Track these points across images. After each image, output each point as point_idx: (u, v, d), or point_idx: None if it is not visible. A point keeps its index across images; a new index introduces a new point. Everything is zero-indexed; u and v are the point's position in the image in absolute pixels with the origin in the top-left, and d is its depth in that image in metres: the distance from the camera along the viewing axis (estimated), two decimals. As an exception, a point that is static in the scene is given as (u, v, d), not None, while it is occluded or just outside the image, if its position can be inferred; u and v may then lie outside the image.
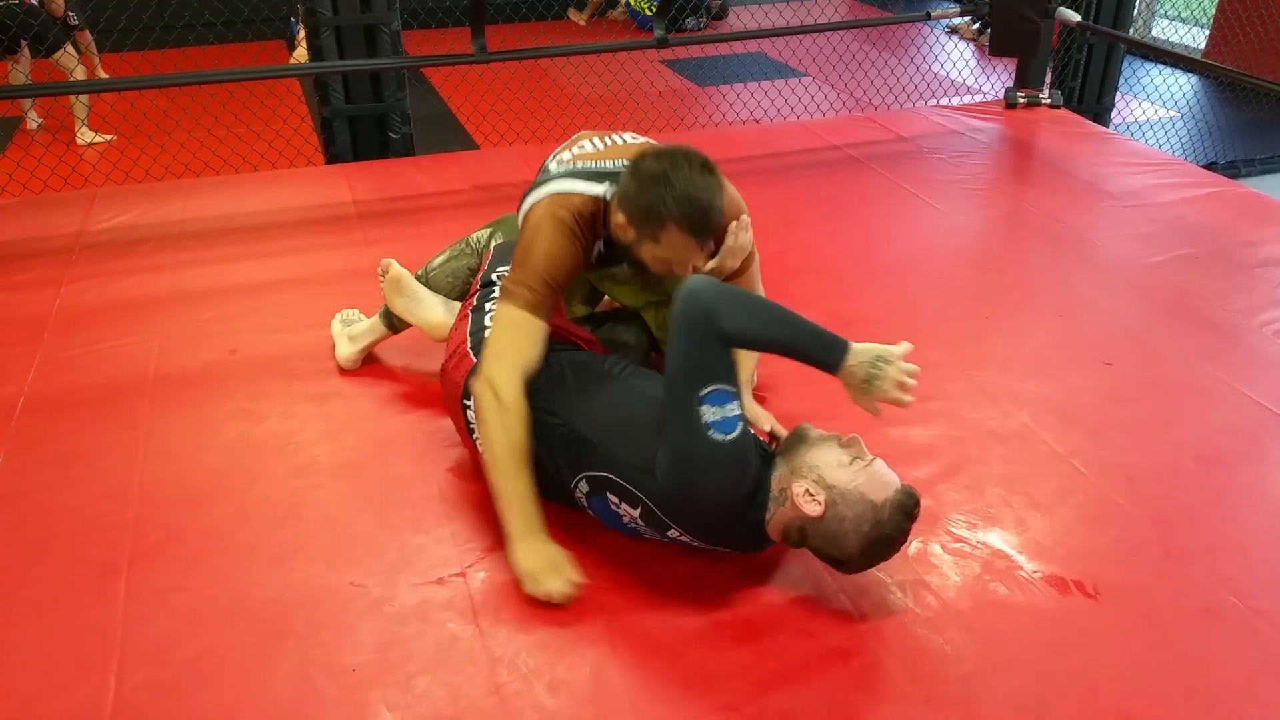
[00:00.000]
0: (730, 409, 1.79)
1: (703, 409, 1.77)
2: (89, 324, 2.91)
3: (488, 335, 2.05)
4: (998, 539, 2.08)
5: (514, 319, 1.99)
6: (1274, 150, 5.97)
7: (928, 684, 1.74)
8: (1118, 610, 1.91)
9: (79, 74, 5.59)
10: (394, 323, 2.59)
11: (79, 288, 3.13)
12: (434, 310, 2.49)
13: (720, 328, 1.79)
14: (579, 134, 2.31)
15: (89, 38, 5.91)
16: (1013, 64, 5.16)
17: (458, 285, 2.52)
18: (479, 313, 2.18)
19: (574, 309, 2.54)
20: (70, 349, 2.78)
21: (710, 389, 1.77)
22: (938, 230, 3.63)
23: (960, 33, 8.29)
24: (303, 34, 5.71)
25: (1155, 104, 6.60)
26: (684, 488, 1.82)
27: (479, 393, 1.96)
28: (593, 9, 8.73)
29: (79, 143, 5.64)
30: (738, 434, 1.79)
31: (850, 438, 1.88)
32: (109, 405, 2.52)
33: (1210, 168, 4.90)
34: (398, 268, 2.50)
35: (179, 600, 1.92)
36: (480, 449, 2.01)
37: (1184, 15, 8.25)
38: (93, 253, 3.37)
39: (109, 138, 5.65)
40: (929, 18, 5.16)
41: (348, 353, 2.65)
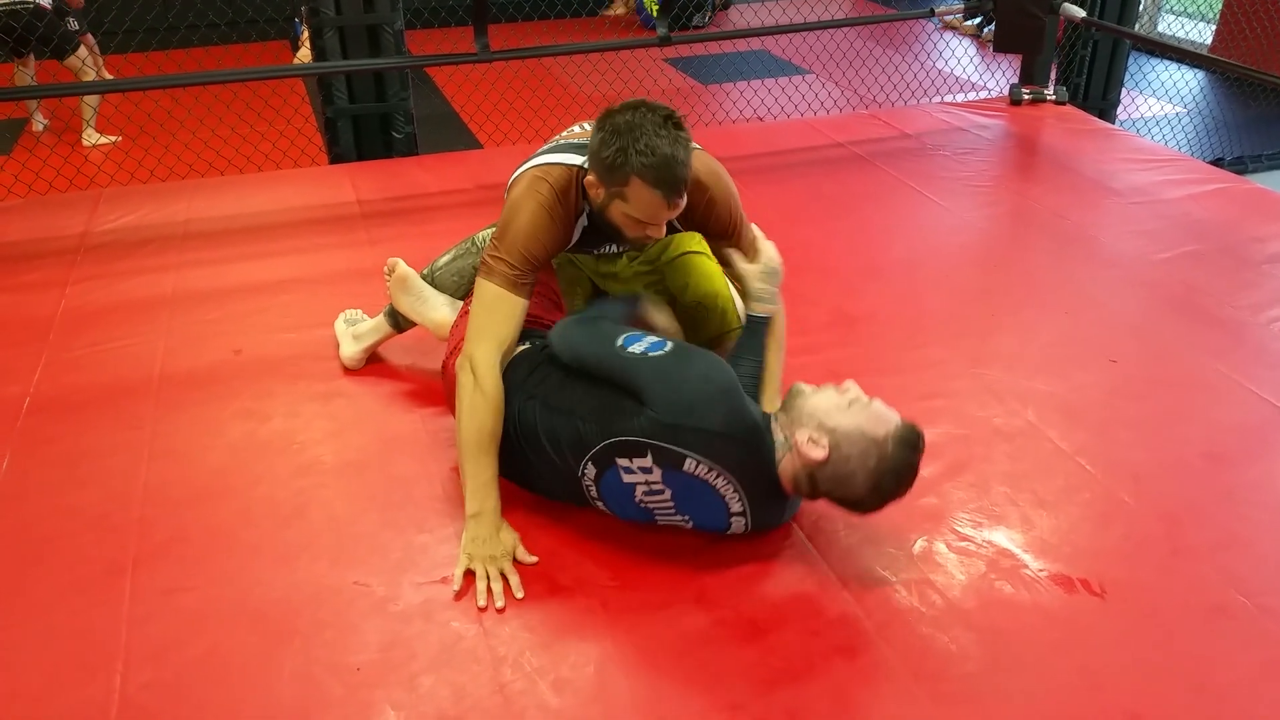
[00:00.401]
0: (645, 338, 1.98)
1: (630, 349, 1.95)
2: (94, 324, 2.92)
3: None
4: (1003, 537, 2.08)
5: (491, 296, 2.04)
6: (1281, 146, 5.95)
7: (933, 683, 1.74)
8: (1124, 609, 1.90)
9: (88, 76, 5.59)
10: (399, 322, 2.60)
11: (84, 288, 3.14)
12: (439, 309, 2.49)
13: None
14: (573, 125, 2.30)
15: (91, 40, 5.91)
16: (1017, 60, 5.14)
17: (463, 284, 2.53)
18: None
19: (576, 307, 2.54)
20: (75, 349, 2.78)
21: (621, 338, 1.98)
22: (942, 227, 3.62)
23: (958, 29, 8.26)
24: (306, 34, 5.71)
25: (1161, 100, 6.57)
26: (673, 392, 1.88)
27: (458, 372, 2.05)
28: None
29: (85, 144, 5.65)
30: (669, 347, 1.95)
31: (846, 383, 1.94)
32: (114, 405, 2.53)
33: (1217, 164, 4.88)
34: (404, 267, 2.51)
35: (184, 600, 1.92)
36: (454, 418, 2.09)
37: (1190, 10, 8.22)
38: (98, 253, 3.38)
39: (114, 139, 5.66)
40: (933, 14, 5.16)
41: (352, 352, 2.65)
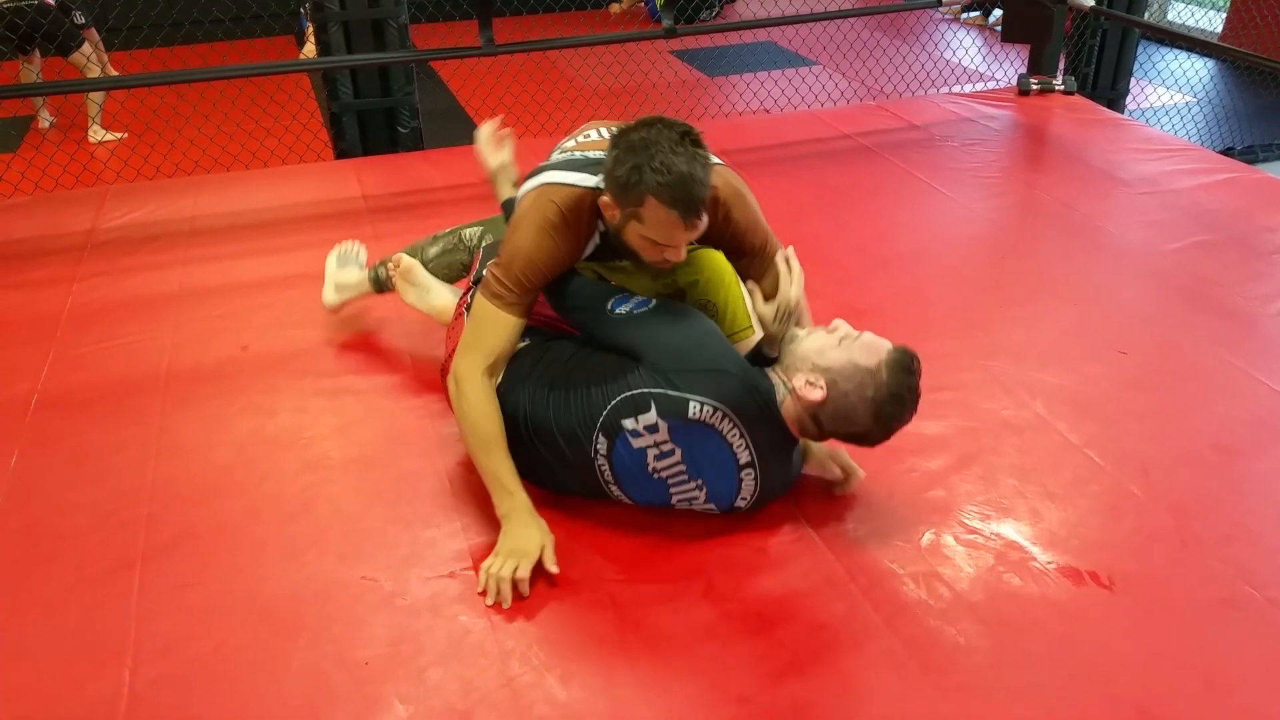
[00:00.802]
0: (631, 298, 2.04)
1: (619, 310, 2.01)
2: (101, 321, 2.92)
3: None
4: (1011, 530, 2.07)
5: (487, 314, 2.02)
6: (1291, 135, 5.92)
7: (940, 675, 1.73)
8: (1133, 601, 1.89)
9: (93, 72, 5.60)
10: (381, 287, 2.68)
11: (91, 285, 3.14)
12: (443, 296, 2.55)
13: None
14: (588, 123, 2.29)
15: (96, 36, 5.92)
16: (1025, 50, 5.12)
17: (451, 278, 2.61)
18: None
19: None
20: (83, 346, 2.79)
21: (611, 300, 2.04)
22: (950, 219, 3.60)
23: (965, 21, 8.23)
24: (311, 29, 5.71)
25: (1171, 89, 6.54)
26: (665, 340, 1.95)
27: (448, 389, 2.06)
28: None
29: (91, 141, 5.66)
30: (653, 304, 2.03)
31: (835, 322, 1.98)
32: (121, 402, 2.53)
33: (1227, 153, 4.86)
34: (408, 260, 2.53)
35: (192, 596, 1.92)
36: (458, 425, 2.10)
37: (1199, -1, 8.18)
38: (104, 250, 3.38)
39: (120, 135, 5.67)
40: (940, 3, 5.13)
41: (331, 299, 2.76)
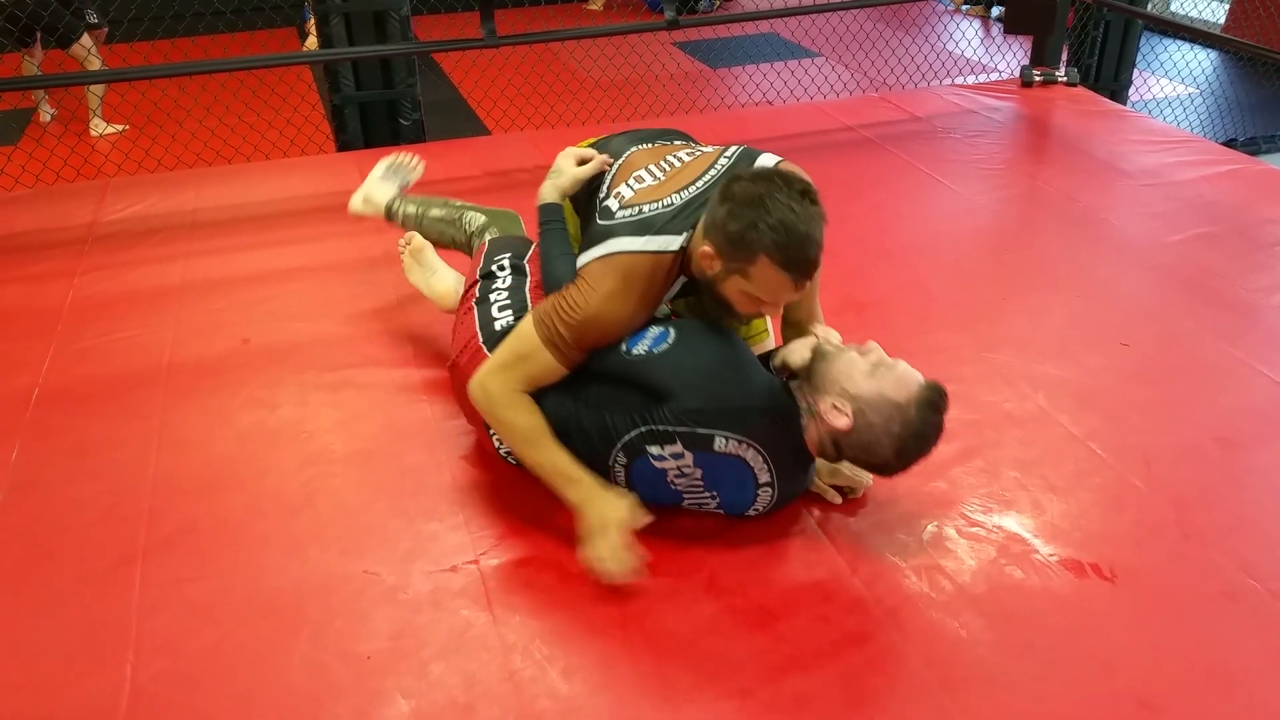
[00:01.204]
0: (645, 335, 1.93)
1: (635, 351, 1.91)
2: (102, 315, 2.92)
3: (506, 339, 1.99)
4: (1014, 522, 2.07)
5: (538, 355, 1.91)
6: (1294, 127, 5.90)
7: (943, 668, 1.73)
8: (1135, 594, 1.89)
9: (93, 64, 5.59)
10: (391, 217, 2.76)
11: (92, 278, 3.14)
12: (446, 282, 2.55)
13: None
14: (632, 153, 2.17)
15: (98, 38, 5.91)
16: (1028, 42, 5.10)
17: (440, 243, 2.64)
18: (484, 304, 2.16)
19: None
20: (84, 340, 2.79)
21: (624, 343, 1.93)
22: (953, 211, 3.60)
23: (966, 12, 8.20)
24: (313, 21, 5.70)
25: (1174, 81, 6.52)
26: (691, 379, 1.87)
27: (474, 396, 1.99)
28: None
29: (92, 134, 5.65)
30: (671, 338, 1.91)
31: (868, 345, 1.90)
32: (123, 396, 2.53)
33: (1230, 145, 4.84)
34: (420, 239, 2.53)
35: (194, 590, 1.93)
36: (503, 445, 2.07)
37: (1202, -10, 8.14)
38: (106, 243, 3.38)
39: (121, 128, 5.66)
40: (943, -4, 5.11)
41: (357, 206, 2.87)
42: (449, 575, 1.95)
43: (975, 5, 8.20)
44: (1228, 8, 7.56)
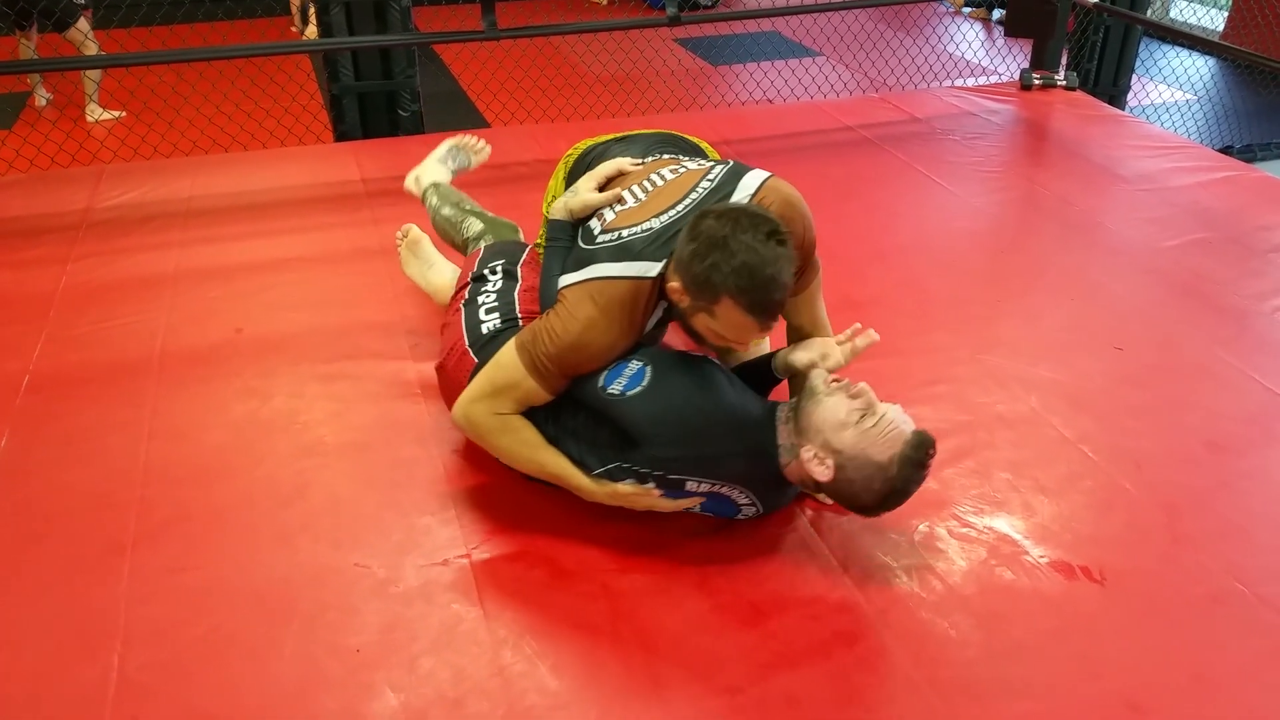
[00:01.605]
0: (623, 371, 1.88)
1: (611, 389, 1.87)
2: (95, 301, 2.91)
3: (486, 367, 1.98)
4: (1004, 524, 2.07)
5: (521, 382, 1.91)
6: (1291, 134, 5.92)
7: (932, 668, 1.74)
8: (1124, 596, 1.90)
9: (90, 49, 5.57)
10: (425, 199, 2.76)
11: (86, 265, 3.13)
12: (443, 276, 2.55)
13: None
14: (607, 162, 2.14)
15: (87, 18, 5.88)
16: (1029, 45, 5.10)
17: (444, 241, 2.64)
18: (472, 306, 2.16)
19: None
20: (76, 326, 2.78)
21: (602, 376, 1.89)
22: (950, 212, 3.60)
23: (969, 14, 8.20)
24: (313, 10, 5.68)
25: (1172, 87, 6.53)
26: (664, 429, 1.85)
27: (459, 424, 2.02)
28: None
29: (88, 119, 5.63)
30: (646, 379, 1.86)
31: (859, 387, 1.86)
32: (115, 383, 2.52)
33: (1226, 152, 4.86)
34: (417, 231, 2.53)
35: (184, 580, 1.92)
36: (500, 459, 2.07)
37: (1202, -4, 8.16)
38: (100, 230, 3.37)
39: (118, 114, 5.64)
40: (944, -3, 5.11)
41: (410, 182, 2.84)
42: (440, 569, 1.95)
43: (977, 8, 8.20)
44: (1226, 15, 7.57)
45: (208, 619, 1.83)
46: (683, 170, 2.06)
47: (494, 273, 2.24)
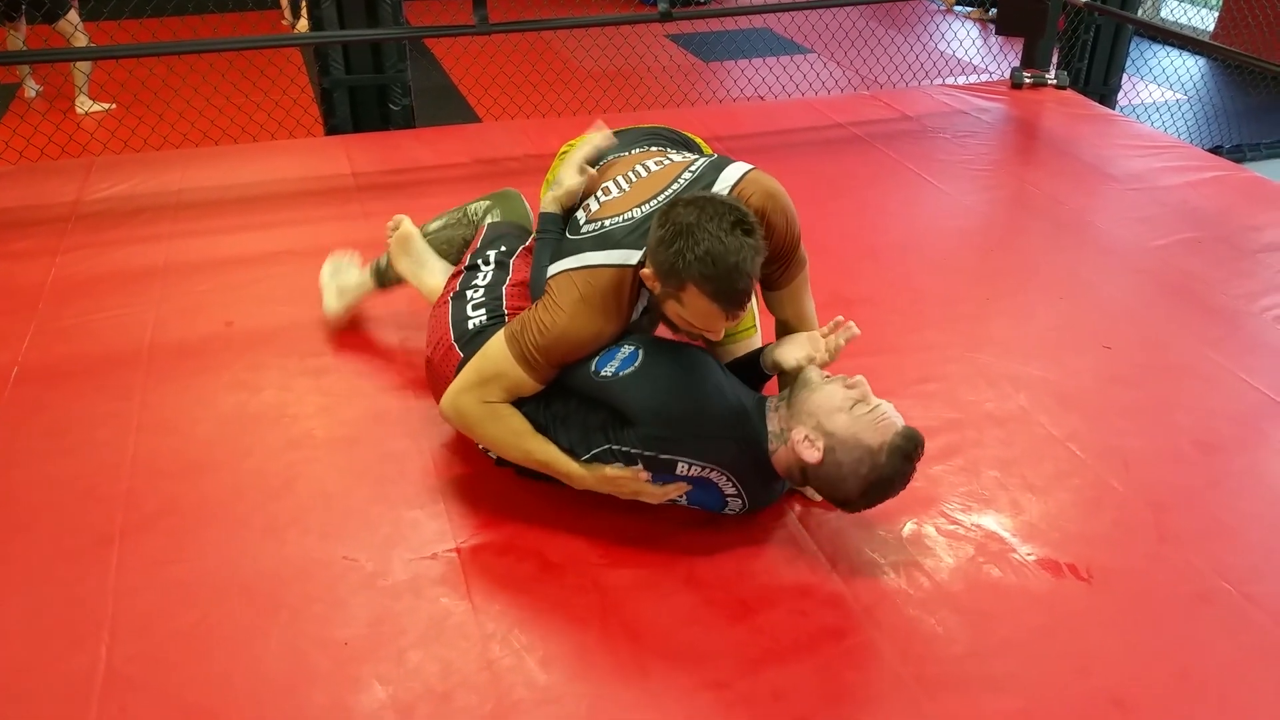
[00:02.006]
0: (615, 355, 1.90)
1: (604, 372, 1.89)
2: (85, 294, 2.90)
3: (473, 359, 1.98)
4: (992, 521, 2.08)
5: (509, 372, 1.92)
6: (1280, 135, 5.94)
7: (919, 664, 1.74)
8: (1111, 594, 1.91)
9: (80, 41, 5.54)
10: (383, 280, 2.58)
11: (75, 257, 3.12)
12: (436, 275, 2.49)
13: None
14: (607, 162, 2.16)
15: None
16: (1020, 43, 5.12)
17: (451, 253, 2.51)
18: (460, 300, 2.15)
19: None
20: (65, 319, 2.77)
21: (594, 361, 1.91)
22: (940, 211, 3.61)
23: (965, 14, 8.21)
24: (304, 4, 5.66)
25: (1162, 86, 6.55)
26: (655, 408, 1.86)
27: (447, 416, 2.02)
28: None
29: (78, 111, 5.60)
30: (639, 360, 1.88)
31: (855, 379, 1.89)
32: (104, 376, 2.51)
33: (1216, 151, 4.87)
34: (408, 225, 2.49)
35: (171, 572, 1.92)
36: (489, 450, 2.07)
37: (1193, -4, 8.18)
38: (89, 222, 3.36)
39: (108, 106, 5.61)
40: (935, -5, 5.12)
41: (335, 306, 2.65)
42: (429, 563, 1.94)
43: (974, 8, 8.21)
44: (1217, 15, 7.59)
45: (195, 611, 1.82)
46: (666, 162, 2.08)
47: (486, 262, 2.22)
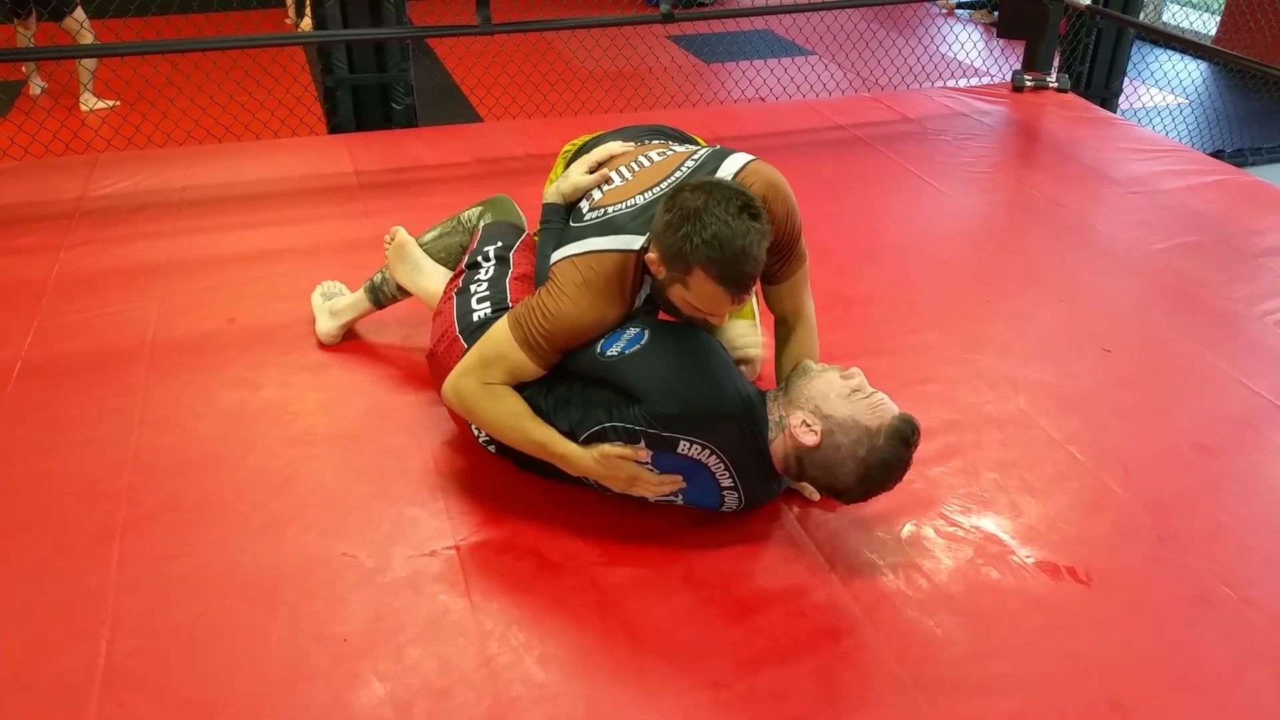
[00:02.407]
0: (621, 336, 1.93)
1: (610, 352, 1.91)
2: (88, 290, 2.90)
3: (477, 343, 2.00)
4: (991, 524, 2.08)
5: (511, 355, 1.94)
6: (1281, 139, 5.95)
7: (917, 666, 1.75)
8: (1109, 597, 1.91)
9: (86, 38, 5.55)
10: (379, 298, 2.58)
11: (78, 253, 3.12)
12: (435, 280, 2.48)
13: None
14: (600, 147, 2.19)
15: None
16: (1021, 46, 5.12)
17: (449, 261, 2.51)
18: (464, 295, 2.16)
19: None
20: (68, 315, 2.77)
21: (599, 343, 1.94)
22: (940, 212, 3.61)
23: (972, 18, 8.21)
24: (309, 2, 5.67)
25: (1164, 90, 6.56)
26: (660, 383, 1.87)
27: (448, 399, 2.02)
28: None
29: (82, 109, 5.61)
30: (645, 339, 1.91)
31: (851, 369, 1.91)
32: (106, 372, 2.52)
33: (1217, 155, 4.88)
34: (404, 234, 2.50)
35: (172, 568, 1.92)
36: (486, 433, 2.07)
37: (1195, 1, 8.19)
38: (93, 219, 3.36)
39: (113, 103, 5.62)
40: (937, -2, 5.12)
41: (328, 327, 2.63)
42: (428, 560, 1.95)
43: (978, 10, 8.21)
44: (1219, 20, 7.60)
45: (196, 607, 1.83)
46: (669, 153, 2.12)
47: (486, 259, 2.23)
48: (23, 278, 2.97)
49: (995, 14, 7.96)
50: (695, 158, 2.04)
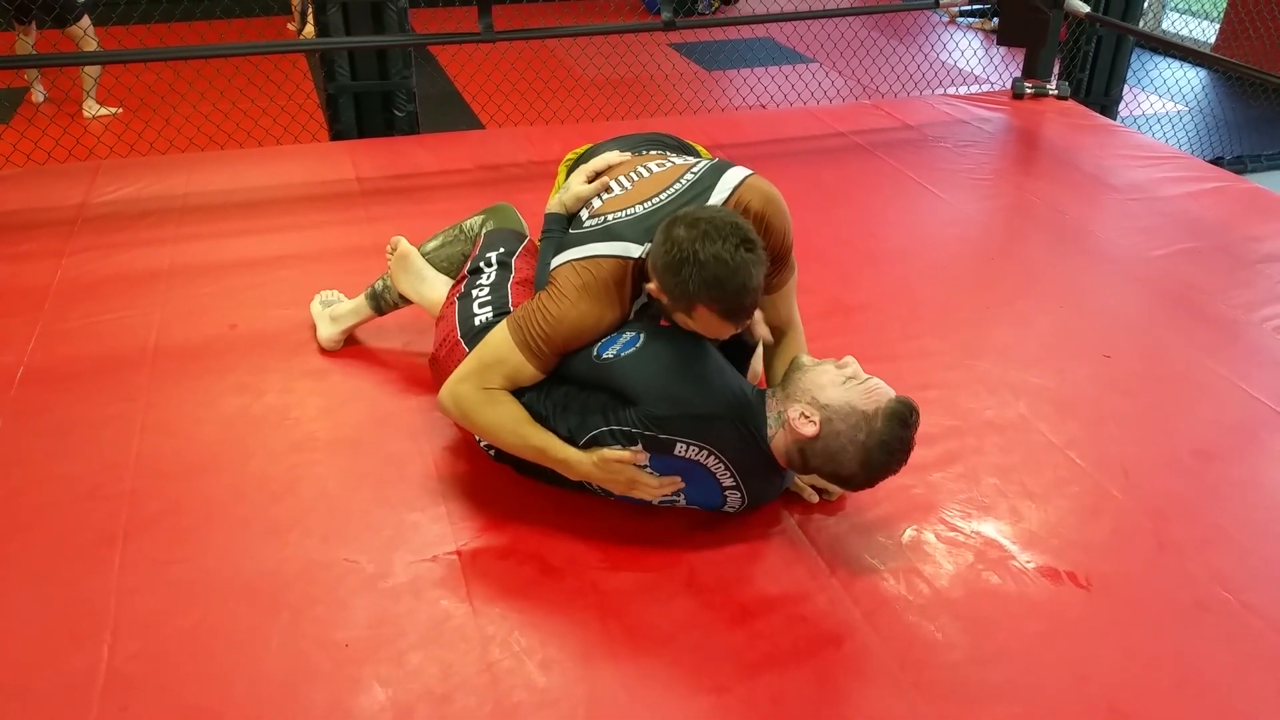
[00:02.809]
0: (617, 340, 1.95)
1: (605, 355, 1.93)
2: (90, 296, 2.91)
3: (475, 348, 2.02)
4: (992, 529, 2.09)
5: (510, 359, 1.95)
6: (1281, 146, 5.95)
7: (918, 670, 1.75)
8: (1109, 602, 1.91)
9: (89, 45, 5.57)
10: (380, 305, 2.59)
11: (81, 259, 3.13)
12: (438, 289, 2.49)
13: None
14: (601, 155, 2.21)
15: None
16: (1021, 54, 5.13)
17: (451, 270, 2.52)
18: (466, 300, 2.17)
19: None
20: (71, 320, 2.78)
21: (595, 347, 1.95)
22: (940, 219, 3.62)
23: (970, 25, 8.23)
24: (310, 9, 5.68)
25: (1163, 97, 6.57)
26: (656, 384, 1.89)
27: (444, 405, 2.03)
28: None
29: (85, 115, 5.62)
30: (640, 342, 1.93)
31: (845, 359, 1.95)
32: (108, 377, 2.53)
33: (1216, 163, 4.88)
34: (406, 244, 2.50)
35: (174, 572, 1.93)
36: (486, 440, 2.07)
37: (1194, 8, 8.21)
38: (95, 225, 3.37)
39: (115, 110, 5.64)
40: (937, 5, 5.13)
41: (329, 333, 2.64)
42: (429, 565, 1.95)
43: (979, 19, 8.23)
44: (1218, 27, 7.61)
45: (197, 611, 1.83)
46: (668, 164, 2.14)
47: (489, 264, 2.24)
48: (25, 284, 2.98)
49: (995, 21, 7.99)
50: (694, 171, 2.07)
